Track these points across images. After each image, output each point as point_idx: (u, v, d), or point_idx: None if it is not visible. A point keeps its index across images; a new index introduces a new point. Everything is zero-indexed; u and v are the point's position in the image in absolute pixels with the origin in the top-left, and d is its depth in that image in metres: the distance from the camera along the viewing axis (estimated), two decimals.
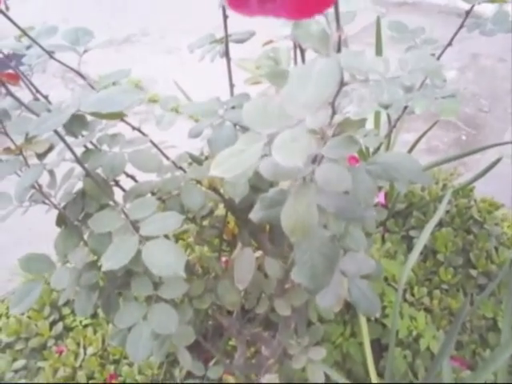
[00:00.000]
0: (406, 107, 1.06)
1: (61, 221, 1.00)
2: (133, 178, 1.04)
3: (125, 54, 3.49)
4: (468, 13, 1.13)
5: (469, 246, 1.63)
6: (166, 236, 0.81)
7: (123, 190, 0.97)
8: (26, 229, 2.23)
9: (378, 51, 1.86)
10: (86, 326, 1.75)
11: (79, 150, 0.94)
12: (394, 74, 0.52)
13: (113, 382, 1.56)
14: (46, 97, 1.04)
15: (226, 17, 1.03)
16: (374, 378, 1.31)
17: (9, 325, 1.73)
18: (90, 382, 1.59)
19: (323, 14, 0.24)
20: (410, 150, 1.75)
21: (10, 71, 0.92)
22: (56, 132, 0.76)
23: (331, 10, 0.44)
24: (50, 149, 0.83)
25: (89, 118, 0.84)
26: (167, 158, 0.99)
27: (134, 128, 0.92)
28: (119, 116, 0.76)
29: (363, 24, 3.25)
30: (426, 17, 3.48)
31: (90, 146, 0.95)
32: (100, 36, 3.40)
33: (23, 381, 1.65)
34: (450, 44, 1.16)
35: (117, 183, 0.97)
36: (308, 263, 0.73)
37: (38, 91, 1.03)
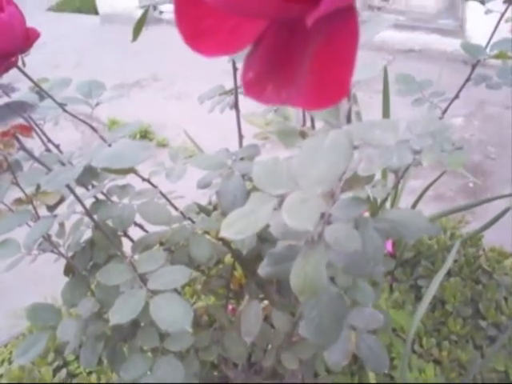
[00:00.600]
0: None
1: (69, 270, 1.01)
2: (141, 227, 1.04)
3: (135, 98, 3.54)
4: (474, 67, 1.14)
5: (478, 297, 1.61)
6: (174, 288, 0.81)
7: (131, 240, 0.97)
8: (32, 271, 2.23)
9: (385, 99, 1.88)
10: (89, 373, 1.72)
11: (89, 200, 0.94)
12: (403, 136, 0.53)
13: None
14: (57, 146, 1.06)
15: (235, 69, 1.05)
16: None
17: (11, 371, 1.71)
18: None
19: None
20: (418, 199, 1.75)
21: (23, 122, 0.94)
22: (67, 185, 0.77)
23: None
24: (61, 201, 0.84)
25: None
26: (176, 208, 0.99)
27: (143, 179, 0.93)
28: (129, 171, 0.76)
29: None
30: (433, 64, 3.52)
31: (99, 196, 0.96)
32: (111, 80, 3.46)
33: None
34: (456, 97, 1.17)
35: (125, 233, 0.97)
36: (316, 319, 0.72)
37: (49, 140, 1.05)
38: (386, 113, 1.75)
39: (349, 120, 0.42)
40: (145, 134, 3.07)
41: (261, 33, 0.27)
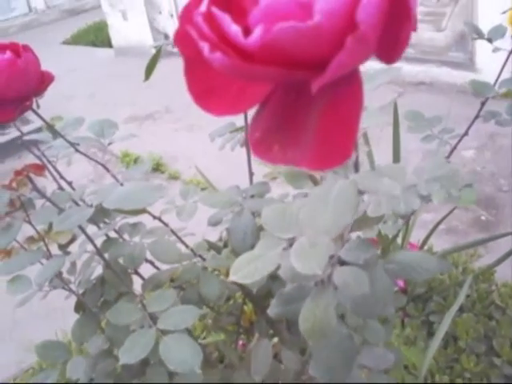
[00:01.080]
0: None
1: (79, 307, 1.01)
2: (152, 263, 1.05)
3: (148, 130, 3.58)
4: (483, 104, 1.15)
5: (491, 333, 1.59)
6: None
7: (142, 278, 0.97)
8: (43, 304, 2.24)
9: (395, 134, 1.89)
10: None
11: (101, 238, 0.95)
12: (410, 181, 0.53)
13: None
14: (70, 183, 1.07)
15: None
16: None
17: None
18: None
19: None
20: (430, 233, 1.75)
21: (36, 161, 0.95)
22: (79, 225, 0.77)
23: None
24: (73, 240, 0.84)
25: None
26: (186, 245, 1.00)
27: (154, 217, 0.94)
28: (141, 212, 0.77)
29: (381, 103, 3.29)
30: (443, 96, 3.53)
31: (111, 233, 0.96)
32: (125, 112, 3.50)
33: None
34: (466, 133, 1.18)
35: (136, 271, 0.98)
36: (325, 360, 0.72)
37: (62, 177, 1.06)
38: (396, 146, 1.75)
39: (356, 168, 0.42)
40: (157, 167, 3.09)
41: (268, 94, 0.28)
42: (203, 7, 0.24)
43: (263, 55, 0.23)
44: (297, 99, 0.27)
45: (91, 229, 0.94)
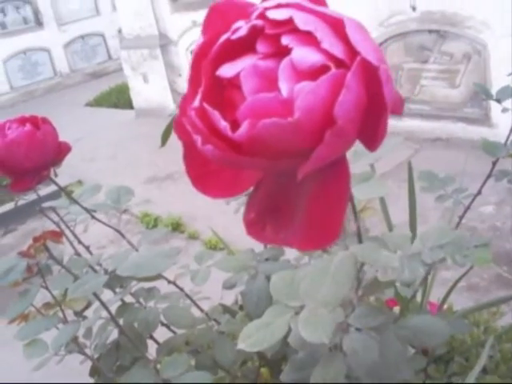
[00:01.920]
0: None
1: (94, 372, 1.01)
2: (168, 327, 1.05)
3: (167, 190, 3.62)
4: (494, 164, 1.15)
5: None
6: None
7: (157, 342, 0.97)
8: (60, 365, 2.23)
9: (411, 192, 1.89)
10: None
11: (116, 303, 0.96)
12: (415, 248, 0.54)
13: None
14: (87, 247, 1.09)
15: None
16: None
17: None
18: None
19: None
20: (450, 291, 1.72)
21: (55, 228, 0.97)
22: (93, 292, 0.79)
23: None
24: (88, 306, 0.86)
25: None
26: (201, 309, 1.00)
27: (169, 282, 0.95)
28: (154, 278, 0.78)
29: (399, 160, 3.32)
30: (459, 151, 3.54)
31: (126, 297, 0.97)
32: (145, 172, 3.55)
33: None
34: (479, 193, 1.18)
35: (151, 336, 0.98)
36: None
37: (80, 242, 1.08)
38: (412, 206, 1.76)
39: (360, 239, 0.43)
40: (176, 226, 3.12)
41: (260, 178, 0.29)
42: (196, 102, 0.26)
43: (250, 147, 0.24)
44: (287, 183, 0.28)
45: (107, 292, 0.95)
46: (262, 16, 0.26)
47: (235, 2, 0.28)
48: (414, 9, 3.64)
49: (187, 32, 5.18)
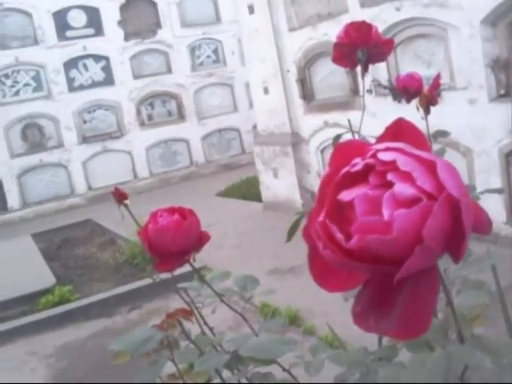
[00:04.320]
0: None
1: None
2: None
3: (287, 283, 3.70)
4: None
5: None
6: None
7: None
8: None
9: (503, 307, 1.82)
10: None
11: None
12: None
13: None
14: (211, 329, 1.18)
15: None
16: None
17: None
18: None
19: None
20: None
21: (185, 307, 1.08)
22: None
23: None
24: (209, 381, 0.94)
25: None
26: None
27: (284, 369, 1.01)
28: (272, 362, 0.85)
29: None
30: None
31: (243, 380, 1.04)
32: (267, 264, 3.65)
33: None
34: None
35: None
36: None
37: (205, 323, 1.18)
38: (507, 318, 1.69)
39: (461, 339, 0.48)
40: (294, 320, 3.16)
41: (368, 278, 0.37)
42: (321, 218, 0.35)
43: (359, 254, 0.32)
44: (388, 283, 0.36)
45: (225, 373, 1.03)
46: (374, 156, 0.35)
47: (354, 144, 0.37)
48: None
49: (318, 132, 5.40)
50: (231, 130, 9.71)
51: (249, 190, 7.00)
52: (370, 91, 4.27)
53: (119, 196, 1.18)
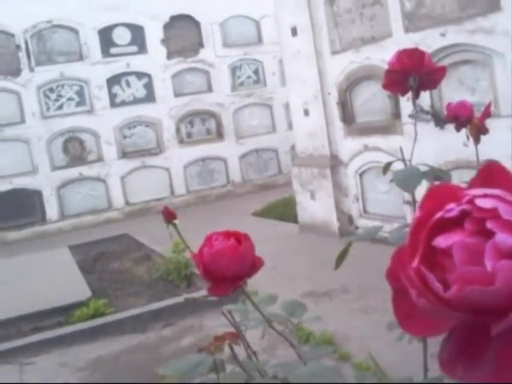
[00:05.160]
0: None
1: None
2: None
3: (322, 307, 3.67)
4: None
5: None
6: None
7: None
8: None
9: None
10: None
11: None
12: None
13: None
14: (254, 352, 1.18)
15: None
16: None
17: None
18: None
19: None
20: None
21: (233, 330, 1.08)
22: None
23: None
24: None
25: None
26: None
27: None
28: None
29: None
30: None
31: None
32: (302, 286, 3.62)
33: None
34: None
35: None
36: None
37: (249, 346, 1.18)
38: None
39: None
40: (328, 344, 3.13)
41: (455, 324, 0.36)
42: (415, 264, 0.35)
43: (457, 304, 0.32)
44: (479, 333, 0.35)
45: None
46: (470, 202, 0.35)
47: (448, 188, 0.37)
48: None
49: (358, 155, 5.38)
50: (269, 150, 9.75)
51: (285, 211, 7.00)
52: (412, 116, 4.25)
53: (168, 215, 1.19)
